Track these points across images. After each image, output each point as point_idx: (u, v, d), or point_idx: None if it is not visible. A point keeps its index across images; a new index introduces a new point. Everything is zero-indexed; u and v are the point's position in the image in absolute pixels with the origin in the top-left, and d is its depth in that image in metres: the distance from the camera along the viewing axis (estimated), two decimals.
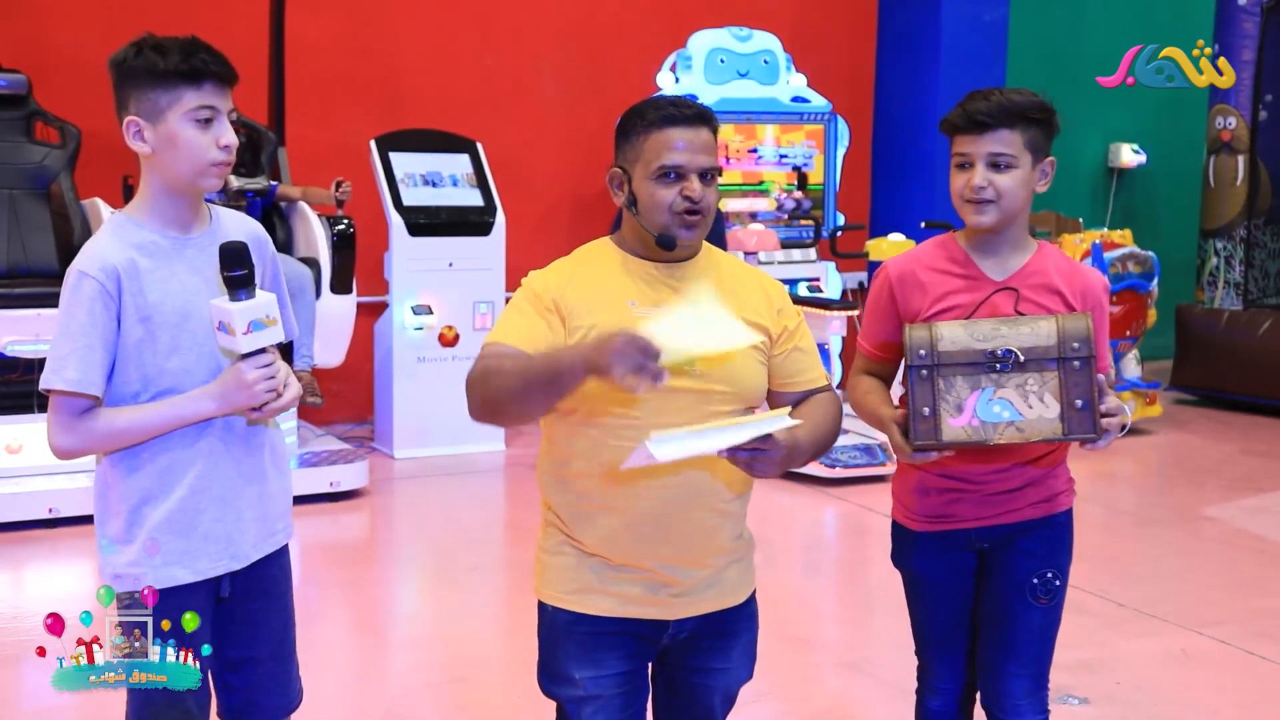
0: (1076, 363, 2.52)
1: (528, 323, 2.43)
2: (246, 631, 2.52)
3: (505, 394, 2.34)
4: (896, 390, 2.80)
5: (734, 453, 2.28)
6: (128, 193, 6.35)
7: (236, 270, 2.32)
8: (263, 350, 2.36)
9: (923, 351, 2.58)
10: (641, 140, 2.45)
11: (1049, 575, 2.77)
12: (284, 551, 2.59)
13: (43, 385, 2.32)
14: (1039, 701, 2.83)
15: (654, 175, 2.43)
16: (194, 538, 2.42)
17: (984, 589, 2.82)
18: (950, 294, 2.72)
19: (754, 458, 2.29)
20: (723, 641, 2.57)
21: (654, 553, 2.46)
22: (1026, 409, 2.53)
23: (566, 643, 2.50)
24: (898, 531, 2.89)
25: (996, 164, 2.66)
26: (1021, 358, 2.53)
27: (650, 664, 2.59)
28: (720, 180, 2.56)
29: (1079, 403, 2.52)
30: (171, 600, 2.37)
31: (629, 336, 2.14)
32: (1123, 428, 2.62)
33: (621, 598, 2.48)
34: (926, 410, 2.56)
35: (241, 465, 2.46)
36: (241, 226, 2.52)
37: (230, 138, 2.37)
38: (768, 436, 2.29)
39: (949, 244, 2.79)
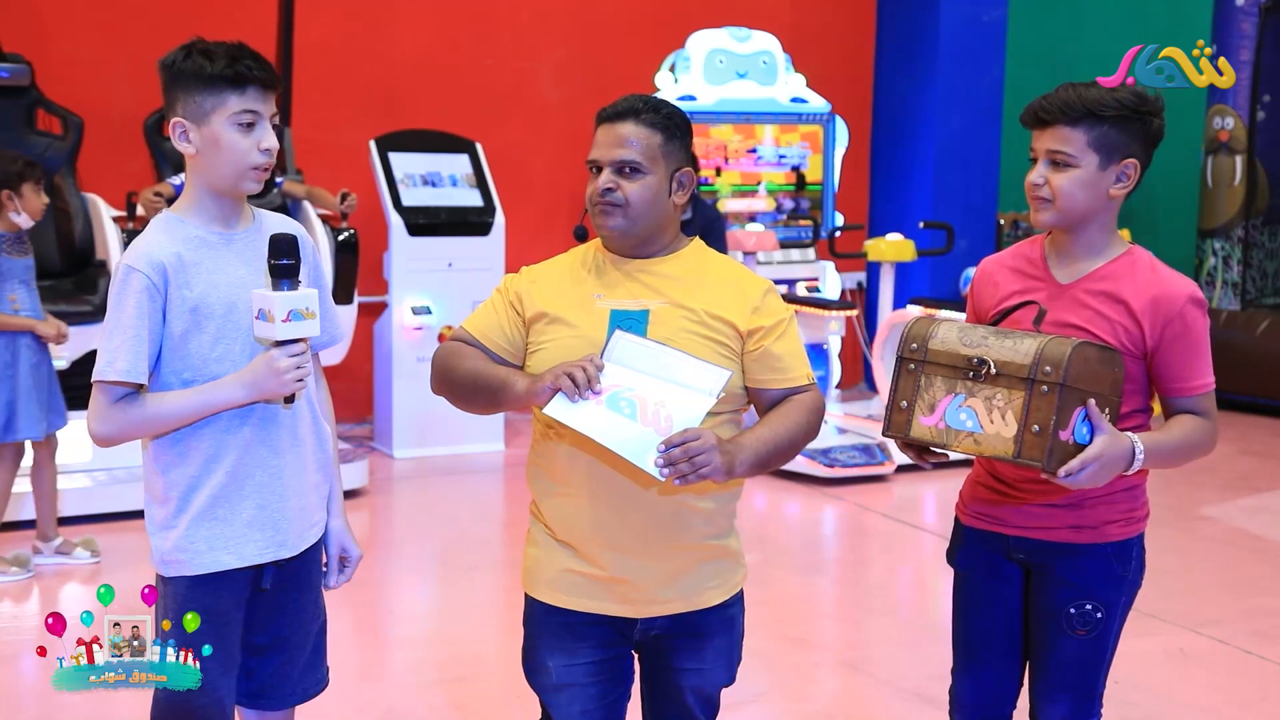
0: (1044, 387, 2.41)
1: (490, 314, 2.57)
2: (275, 620, 2.57)
3: (456, 386, 2.54)
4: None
5: (668, 449, 2.29)
6: (131, 210, 6.29)
7: (284, 259, 2.38)
8: (297, 341, 2.40)
9: (915, 345, 2.56)
10: None
11: (1088, 608, 2.64)
12: (319, 545, 2.64)
13: (96, 377, 2.39)
14: None
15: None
16: (237, 524, 2.46)
17: (1030, 612, 2.74)
18: (1014, 294, 2.66)
19: (686, 450, 2.28)
20: (695, 643, 2.57)
21: (616, 543, 2.48)
22: (988, 422, 2.47)
23: (542, 632, 2.57)
24: (955, 527, 2.84)
25: (1055, 161, 2.57)
26: (994, 370, 2.47)
27: (634, 653, 2.62)
28: (716, 179, 2.60)
29: (1036, 428, 2.41)
30: (210, 585, 2.44)
31: (554, 374, 2.33)
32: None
33: (591, 595, 2.52)
34: (904, 404, 2.56)
35: (285, 456, 2.50)
36: (284, 226, 2.57)
37: (271, 141, 2.44)
38: (699, 433, 2.32)
39: (1036, 243, 2.72)
